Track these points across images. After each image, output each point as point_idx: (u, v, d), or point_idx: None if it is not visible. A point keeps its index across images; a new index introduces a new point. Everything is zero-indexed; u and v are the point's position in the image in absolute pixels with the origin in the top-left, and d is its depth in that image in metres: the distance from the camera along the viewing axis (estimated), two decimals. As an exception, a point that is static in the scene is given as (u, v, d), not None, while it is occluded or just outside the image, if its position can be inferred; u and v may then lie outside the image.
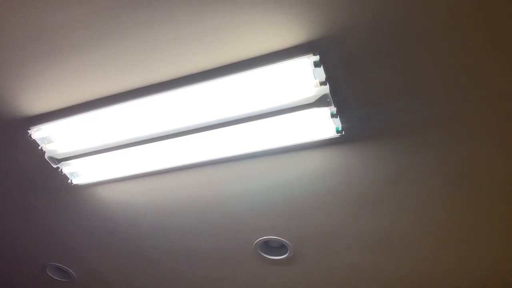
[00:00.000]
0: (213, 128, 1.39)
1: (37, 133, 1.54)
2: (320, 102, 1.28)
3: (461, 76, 1.21)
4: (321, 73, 1.25)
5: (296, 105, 1.30)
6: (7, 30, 1.25)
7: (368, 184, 1.55)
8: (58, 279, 2.32)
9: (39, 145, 1.57)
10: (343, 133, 1.38)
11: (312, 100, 1.28)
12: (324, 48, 1.21)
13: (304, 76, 1.27)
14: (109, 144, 1.51)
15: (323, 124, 1.37)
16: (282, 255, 1.89)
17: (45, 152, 1.58)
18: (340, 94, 1.31)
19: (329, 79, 1.26)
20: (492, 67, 1.18)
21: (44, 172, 1.72)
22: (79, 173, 1.70)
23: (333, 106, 1.30)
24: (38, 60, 1.33)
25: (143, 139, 1.47)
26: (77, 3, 1.16)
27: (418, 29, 1.13)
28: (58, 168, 1.65)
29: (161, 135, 1.44)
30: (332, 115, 1.32)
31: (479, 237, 1.64)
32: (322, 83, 1.26)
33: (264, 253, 1.91)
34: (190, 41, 1.25)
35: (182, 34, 1.23)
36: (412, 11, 1.10)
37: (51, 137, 1.58)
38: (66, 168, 1.66)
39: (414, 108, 1.32)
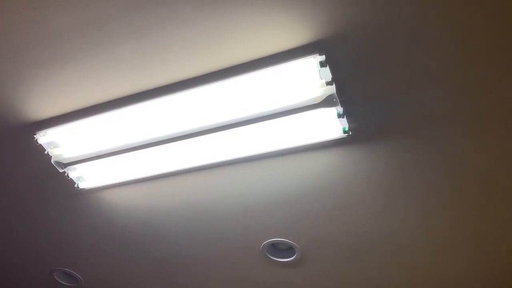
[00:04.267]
0: (220, 130, 1.39)
1: (43, 137, 1.54)
2: (326, 102, 1.28)
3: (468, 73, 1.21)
4: (327, 73, 1.24)
5: (302, 106, 1.29)
6: (11, 36, 1.25)
7: (376, 184, 1.54)
8: (66, 284, 2.32)
9: (45, 150, 1.57)
10: (350, 133, 1.37)
11: (318, 101, 1.28)
12: (329, 48, 1.20)
13: (310, 77, 1.27)
14: (115, 148, 1.51)
15: (330, 124, 1.36)
16: (290, 257, 1.88)
17: (51, 156, 1.58)
18: (347, 94, 1.30)
19: (335, 79, 1.25)
20: (494, 63, 1.17)
21: (51, 176, 1.72)
22: (85, 177, 1.70)
23: (340, 106, 1.29)
24: (43, 66, 1.33)
25: (149, 142, 1.46)
26: (82, 8, 1.16)
27: (422, 27, 1.12)
28: (64, 172, 1.65)
29: (168, 137, 1.44)
30: (339, 115, 1.31)
31: (486, 237, 1.63)
32: (328, 83, 1.25)
33: (272, 255, 1.90)
34: (194, 43, 1.24)
35: (186, 36, 1.23)
36: (416, 10, 1.09)
37: (57, 142, 1.58)
38: (73, 173, 1.66)
39: (421, 106, 1.31)
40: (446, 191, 1.51)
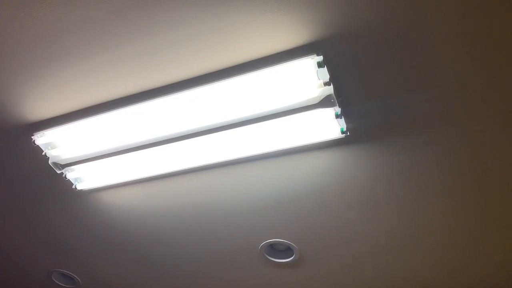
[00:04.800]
0: (217, 131, 1.39)
1: (41, 139, 1.53)
2: (324, 102, 1.28)
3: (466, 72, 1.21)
4: (324, 73, 1.24)
5: (300, 106, 1.29)
6: (9, 36, 1.25)
7: (374, 185, 1.54)
8: (64, 285, 2.32)
9: (43, 151, 1.57)
10: (348, 133, 1.37)
11: (316, 101, 1.28)
12: (327, 49, 1.20)
13: (307, 77, 1.27)
14: (113, 149, 1.51)
15: (328, 125, 1.36)
16: (288, 258, 1.88)
17: (49, 158, 1.58)
18: (345, 94, 1.30)
19: (333, 80, 1.26)
20: (491, 63, 1.17)
21: (48, 178, 1.72)
22: (83, 178, 1.70)
23: (338, 106, 1.29)
24: (41, 66, 1.33)
25: (147, 143, 1.46)
26: (80, 8, 1.16)
27: (420, 27, 1.13)
28: (62, 173, 1.64)
29: (165, 138, 1.44)
30: (337, 116, 1.31)
31: (484, 237, 1.63)
32: (326, 84, 1.25)
33: (270, 256, 1.90)
34: (192, 44, 1.24)
35: (183, 37, 1.23)
36: (415, 11, 1.10)
37: (55, 143, 1.58)
38: (70, 174, 1.66)
39: (420, 107, 1.31)
40: (445, 191, 1.51)
